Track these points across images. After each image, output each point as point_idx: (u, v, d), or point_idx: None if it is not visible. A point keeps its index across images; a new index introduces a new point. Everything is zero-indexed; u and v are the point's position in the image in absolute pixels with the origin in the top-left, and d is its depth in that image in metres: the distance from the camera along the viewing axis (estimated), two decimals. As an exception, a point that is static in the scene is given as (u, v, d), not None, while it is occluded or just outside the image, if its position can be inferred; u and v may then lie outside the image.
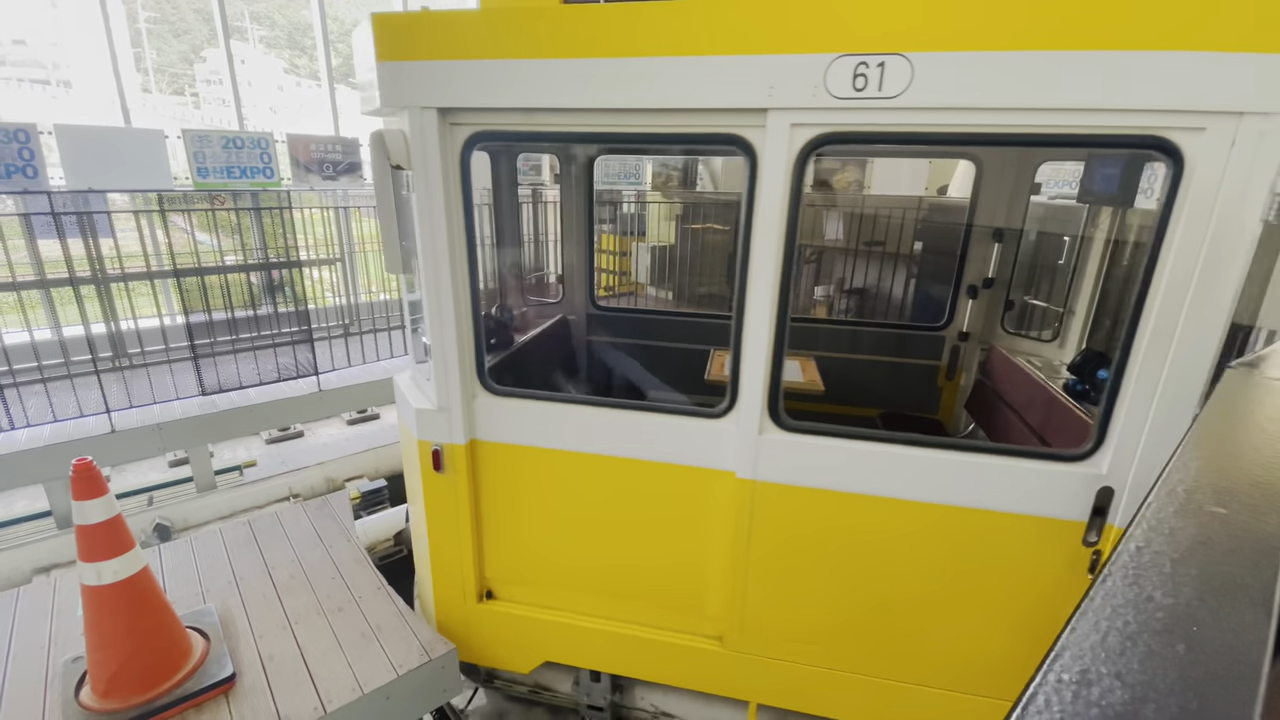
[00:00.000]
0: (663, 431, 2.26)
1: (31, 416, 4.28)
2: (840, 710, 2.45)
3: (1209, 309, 1.69)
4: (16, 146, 4.26)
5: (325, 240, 6.23)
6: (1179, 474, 0.64)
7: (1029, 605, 2.08)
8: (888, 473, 2.08)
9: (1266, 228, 2.91)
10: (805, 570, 2.29)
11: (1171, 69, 1.55)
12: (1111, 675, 0.40)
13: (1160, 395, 1.78)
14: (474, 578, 2.65)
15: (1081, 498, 1.91)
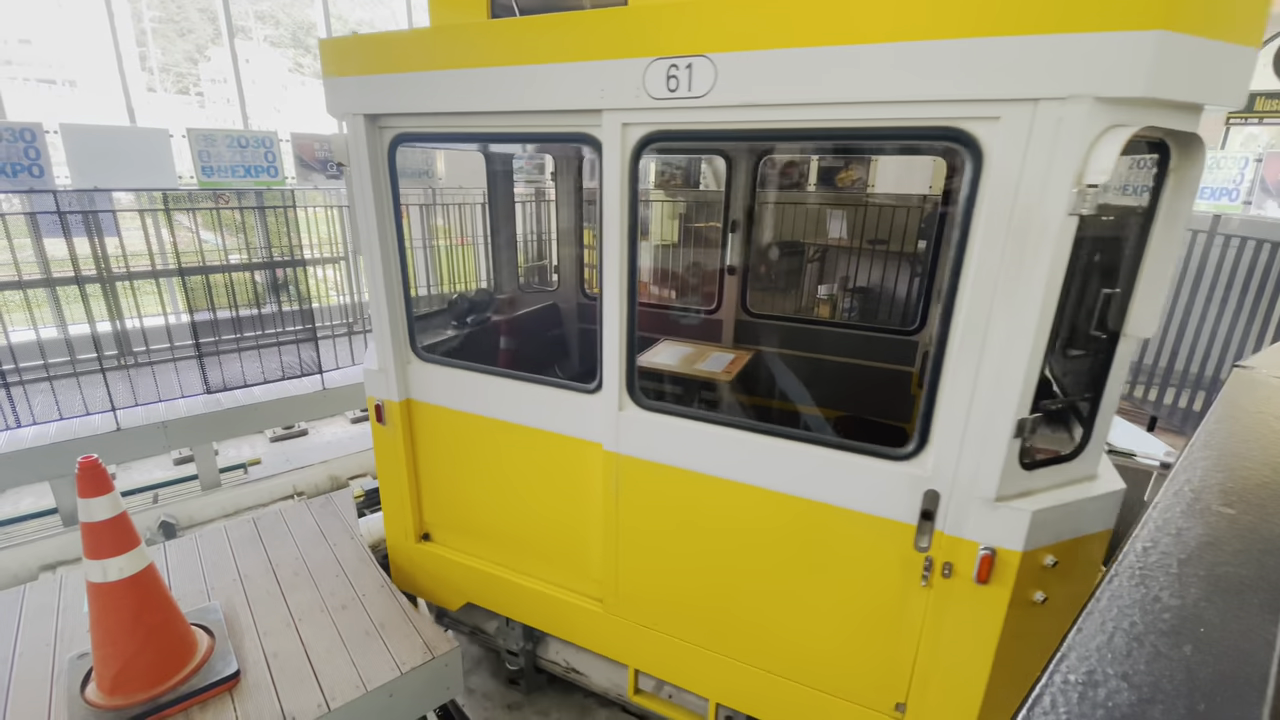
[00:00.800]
0: (549, 402, 2.47)
1: (38, 414, 4.30)
2: (704, 687, 2.52)
3: (1018, 309, 1.60)
4: (23, 146, 4.28)
5: (329, 239, 6.24)
6: (1186, 474, 0.64)
7: (867, 608, 2.05)
8: (734, 457, 2.12)
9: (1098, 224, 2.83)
10: (666, 544, 2.38)
11: (963, 57, 1.51)
12: (1118, 676, 0.40)
13: (976, 398, 1.71)
14: (413, 521, 2.99)
15: (910, 499, 1.87)
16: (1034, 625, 1.90)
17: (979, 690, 1.91)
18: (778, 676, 2.29)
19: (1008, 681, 1.95)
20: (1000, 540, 1.76)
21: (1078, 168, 1.46)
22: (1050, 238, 1.52)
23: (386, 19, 7.88)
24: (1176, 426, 4.38)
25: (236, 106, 6.67)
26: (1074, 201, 1.48)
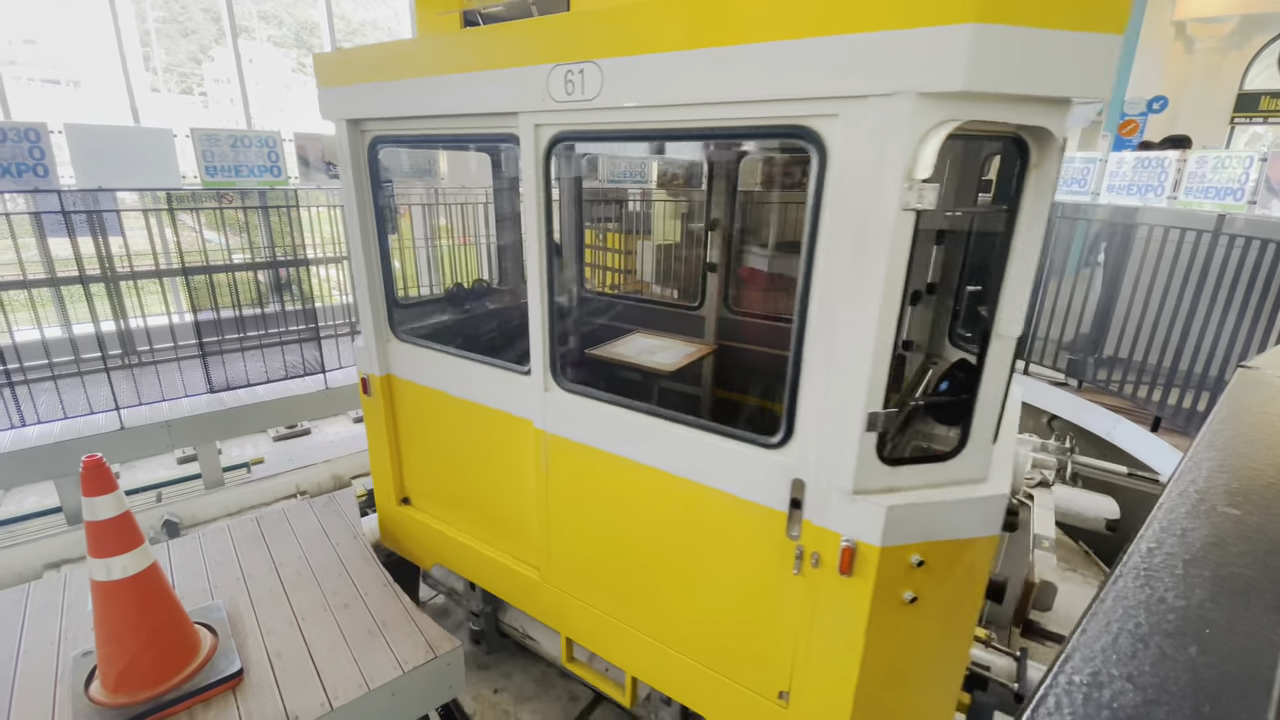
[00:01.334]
0: (493, 381, 2.66)
1: (42, 413, 4.31)
2: (622, 660, 2.61)
3: (861, 303, 1.63)
4: (27, 145, 4.29)
5: (332, 238, 6.25)
6: (1191, 474, 0.64)
7: (751, 593, 2.09)
8: (637, 439, 2.23)
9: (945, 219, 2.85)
10: (587, 518, 2.51)
11: (805, 56, 1.56)
12: (1123, 678, 0.40)
13: (830, 391, 1.74)
14: (394, 486, 3.29)
15: (781, 487, 1.90)
16: (908, 624, 1.90)
17: (850, 685, 1.92)
18: (683, 656, 2.36)
19: (885, 680, 1.96)
20: (860, 533, 1.78)
21: (908, 163, 1.48)
22: (887, 233, 1.55)
23: (389, 19, 7.88)
24: (1180, 427, 4.37)
25: (240, 106, 6.68)
26: (906, 197, 1.51)
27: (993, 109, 1.50)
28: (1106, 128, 11.67)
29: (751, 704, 2.19)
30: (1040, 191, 1.61)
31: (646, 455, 2.21)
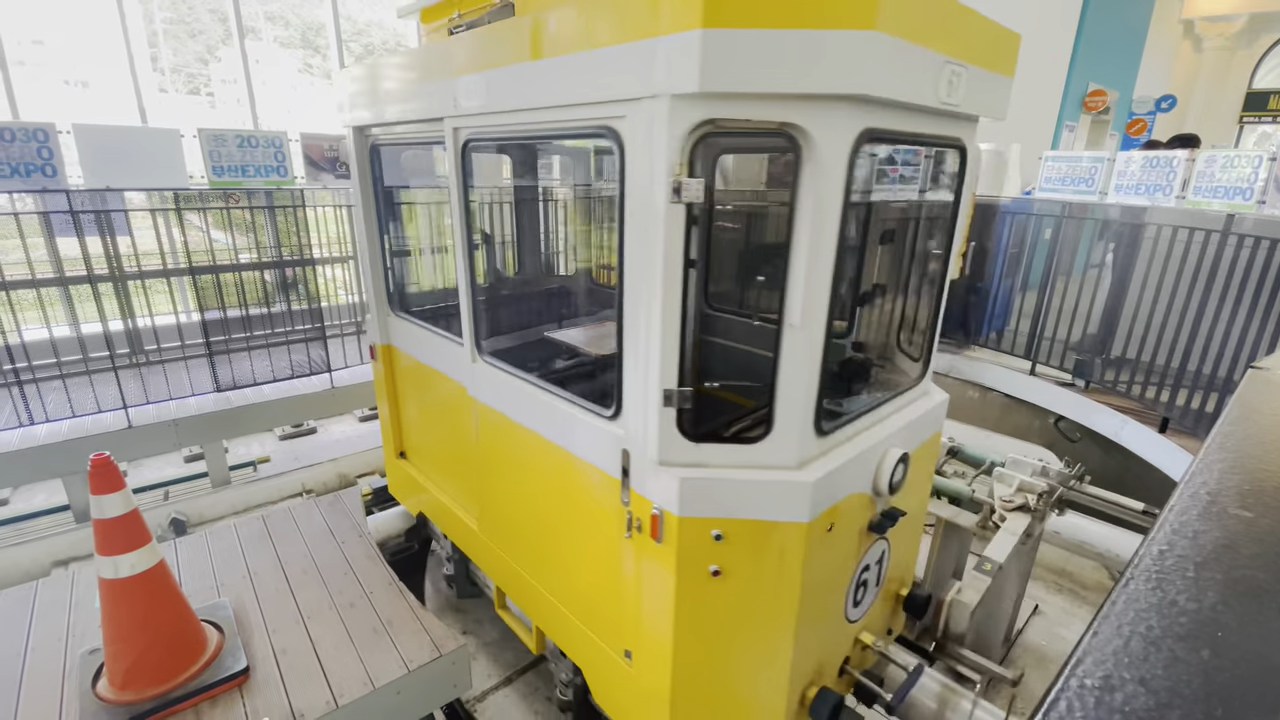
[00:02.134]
0: (445, 351, 2.96)
1: (51, 412, 4.34)
2: (530, 611, 2.86)
3: (651, 290, 1.77)
4: (36, 145, 4.32)
5: (338, 238, 6.27)
6: (1202, 476, 0.63)
7: (604, 554, 2.24)
8: (528, 407, 2.44)
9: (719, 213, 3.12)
10: (502, 477, 2.76)
11: (604, 64, 1.72)
12: (1135, 681, 0.39)
13: (641, 368, 1.88)
14: (394, 440, 3.71)
15: (615, 456, 2.03)
16: (717, 597, 2.01)
17: (668, 652, 2.05)
18: (564, 610, 2.56)
19: (701, 652, 2.07)
20: (665, 503, 1.91)
21: (672, 159, 1.62)
22: (660, 223, 1.70)
23: (394, 19, 7.90)
24: (1189, 428, 4.34)
25: (246, 107, 6.71)
26: (673, 192, 1.65)
27: (742, 108, 1.60)
28: (1115, 126, 11.60)
29: (609, 661, 2.35)
30: (816, 188, 1.66)
31: (534, 422, 2.43)
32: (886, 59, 1.55)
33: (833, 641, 2.32)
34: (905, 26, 1.56)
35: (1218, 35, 14.32)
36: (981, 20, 1.88)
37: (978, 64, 1.89)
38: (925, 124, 1.90)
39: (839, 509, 2.02)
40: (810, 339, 1.80)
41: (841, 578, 2.22)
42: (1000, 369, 5.94)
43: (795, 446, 1.90)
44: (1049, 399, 5.51)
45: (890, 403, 2.31)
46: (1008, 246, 6.07)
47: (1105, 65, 10.41)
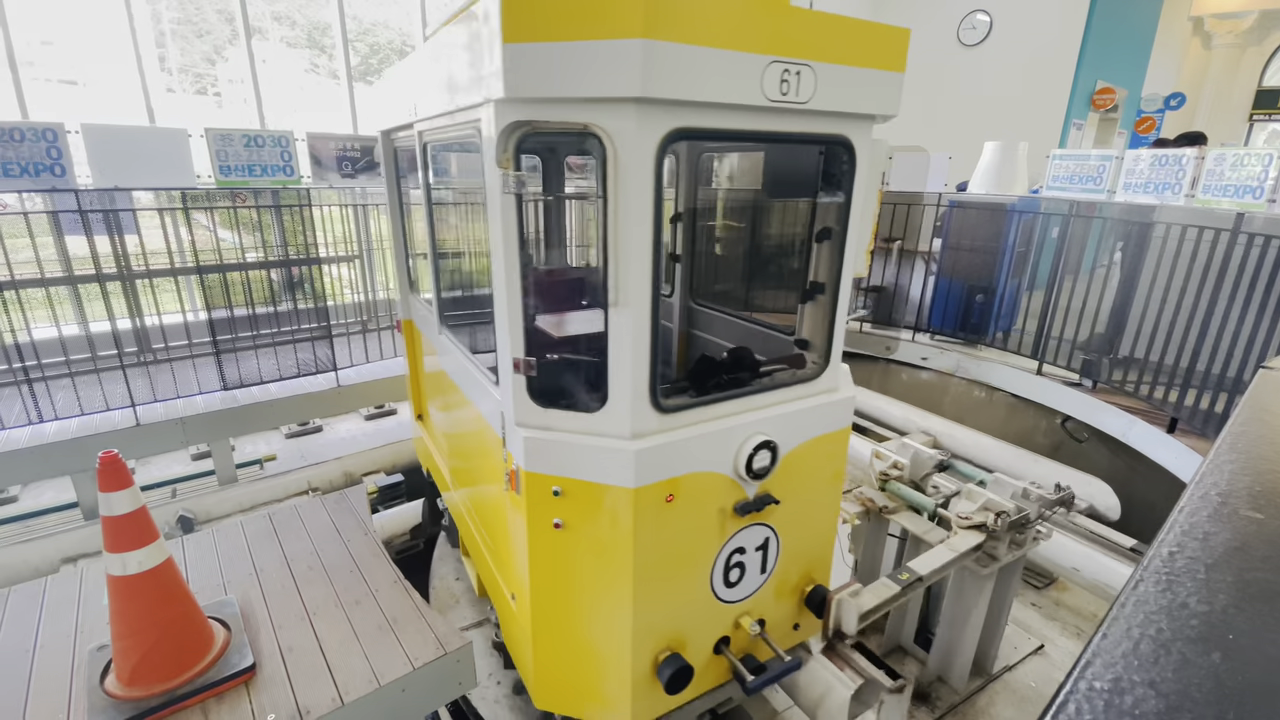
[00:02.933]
0: (429, 321, 3.33)
1: (60, 410, 4.37)
2: (474, 558, 3.36)
3: (498, 270, 2.09)
4: (45, 145, 4.34)
5: (344, 237, 6.29)
6: (1213, 477, 0.62)
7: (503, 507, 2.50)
8: (462, 373, 2.81)
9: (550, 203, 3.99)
10: (454, 435, 3.26)
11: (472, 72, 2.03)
12: (1145, 684, 0.39)
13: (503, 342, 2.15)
14: (415, 403, 4.28)
15: (499, 418, 2.32)
16: (561, 550, 2.24)
17: (529, 595, 2.32)
18: (487, 556, 2.94)
19: (553, 600, 2.33)
20: (518, 458, 2.16)
21: (499, 155, 1.87)
22: (497, 210, 1.99)
23: (400, 19, 7.91)
24: (1197, 429, 4.31)
25: (253, 106, 6.74)
26: (502, 183, 1.91)
27: (550, 111, 1.83)
28: (1123, 124, 11.52)
29: (504, 603, 2.68)
30: (625, 182, 1.84)
31: (464, 384, 2.80)
32: (670, 64, 1.69)
33: (697, 615, 2.43)
34: (690, 33, 1.69)
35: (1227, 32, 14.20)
36: (832, 20, 1.95)
37: (833, 61, 1.97)
38: (785, 123, 2.01)
39: (680, 483, 2.16)
40: (635, 319, 1.98)
41: (700, 552, 2.34)
42: (1007, 369, 5.91)
43: (628, 418, 2.07)
44: (1056, 399, 5.48)
45: (766, 394, 2.37)
46: (1014, 245, 6.04)
47: (1114, 63, 10.34)
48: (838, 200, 2.34)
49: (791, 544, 2.59)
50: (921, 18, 10.97)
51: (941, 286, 6.59)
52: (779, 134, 2.05)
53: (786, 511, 2.50)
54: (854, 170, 2.25)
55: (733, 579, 2.48)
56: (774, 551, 2.56)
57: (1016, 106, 10.24)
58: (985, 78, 10.52)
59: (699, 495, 2.24)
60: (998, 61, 10.38)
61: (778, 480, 2.40)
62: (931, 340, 6.65)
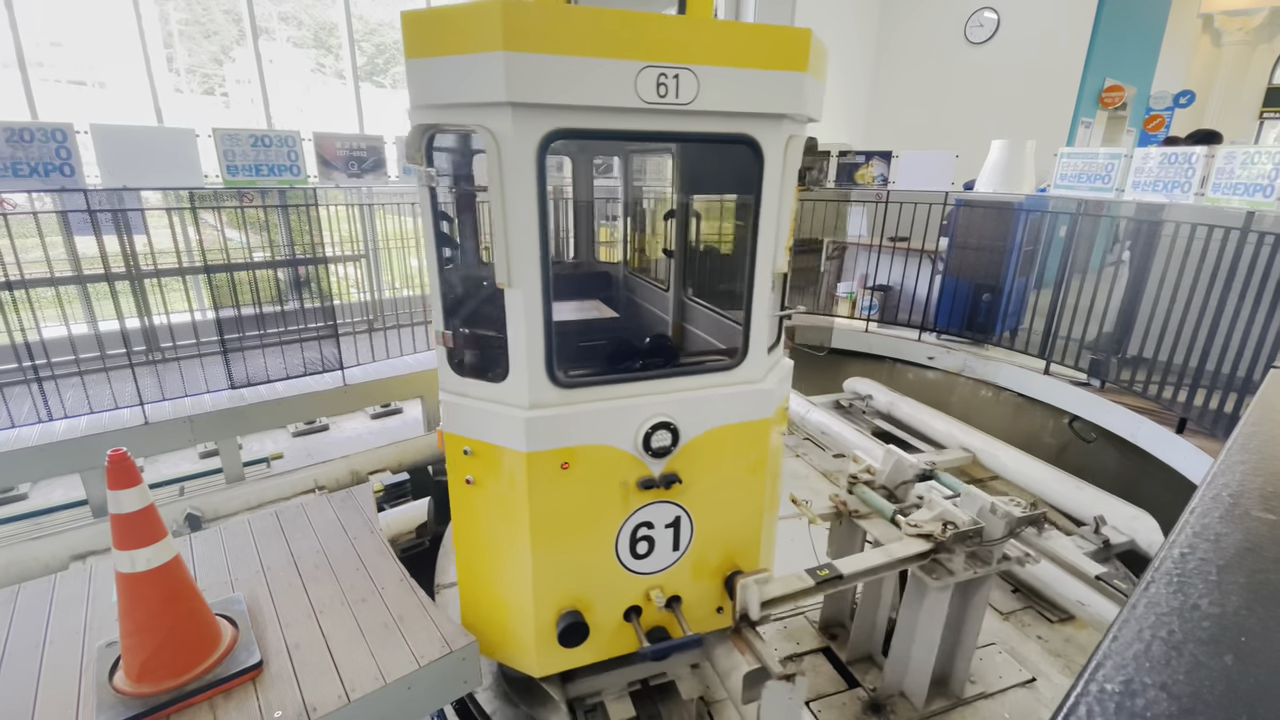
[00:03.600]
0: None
1: (69, 408, 4.40)
2: None
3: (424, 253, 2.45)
4: (54, 146, 4.37)
5: (350, 237, 6.31)
6: (1224, 478, 0.62)
7: None
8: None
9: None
10: None
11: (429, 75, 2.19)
12: (1156, 686, 0.39)
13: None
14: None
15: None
16: (474, 504, 2.56)
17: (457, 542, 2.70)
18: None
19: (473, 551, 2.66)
20: (441, 419, 2.51)
21: (413, 153, 2.17)
22: (424, 201, 2.32)
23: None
24: (1207, 429, 4.28)
25: (260, 106, 6.77)
26: (420, 177, 2.24)
27: (450, 115, 2.13)
28: (1132, 122, 11.44)
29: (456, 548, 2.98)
30: (508, 178, 2.10)
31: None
32: (533, 72, 1.93)
33: (604, 580, 2.62)
34: (553, 44, 1.92)
35: (1237, 29, 14.08)
36: (716, 25, 2.13)
37: (716, 64, 2.11)
38: (681, 123, 2.19)
39: (577, 452, 2.38)
40: (527, 299, 2.22)
41: (603, 520, 2.53)
42: (1014, 368, 5.88)
43: (526, 390, 2.31)
44: (1064, 399, 5.45)
45: (673, 379, 2.53)
46: (1022, 244, 6.01)
47: (1122, 60, 10.27)
48: (750, 198, 2.44)
49: (708, 527, 2.70)
50: (928, 15, 10.93)
51: (948, 285, 6.56)
52: (679, 134, 2.23)
53: (699, 494, 2.62)
54: (762, 169, 2.34)
55: (641, 551, 2.63)
56: (687, 531, 2.68)
57: (1024, 104, 10.19)
58: (992, 75, 10.47)
59: (597, 466, 2.43)
60: (1005, 59, 10.33)
61: (685, 461, 2.54)
62: (938, 340, 6.62)
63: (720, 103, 2.16)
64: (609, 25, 1.98)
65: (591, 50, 1.97)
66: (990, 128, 8.49)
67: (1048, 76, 9.92)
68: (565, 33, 1.93)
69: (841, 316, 7.55)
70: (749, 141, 2.31)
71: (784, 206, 2.46)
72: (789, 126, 2.37)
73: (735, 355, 2.62)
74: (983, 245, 6.21)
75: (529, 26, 1.89)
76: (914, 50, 11.19)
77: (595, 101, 2.02)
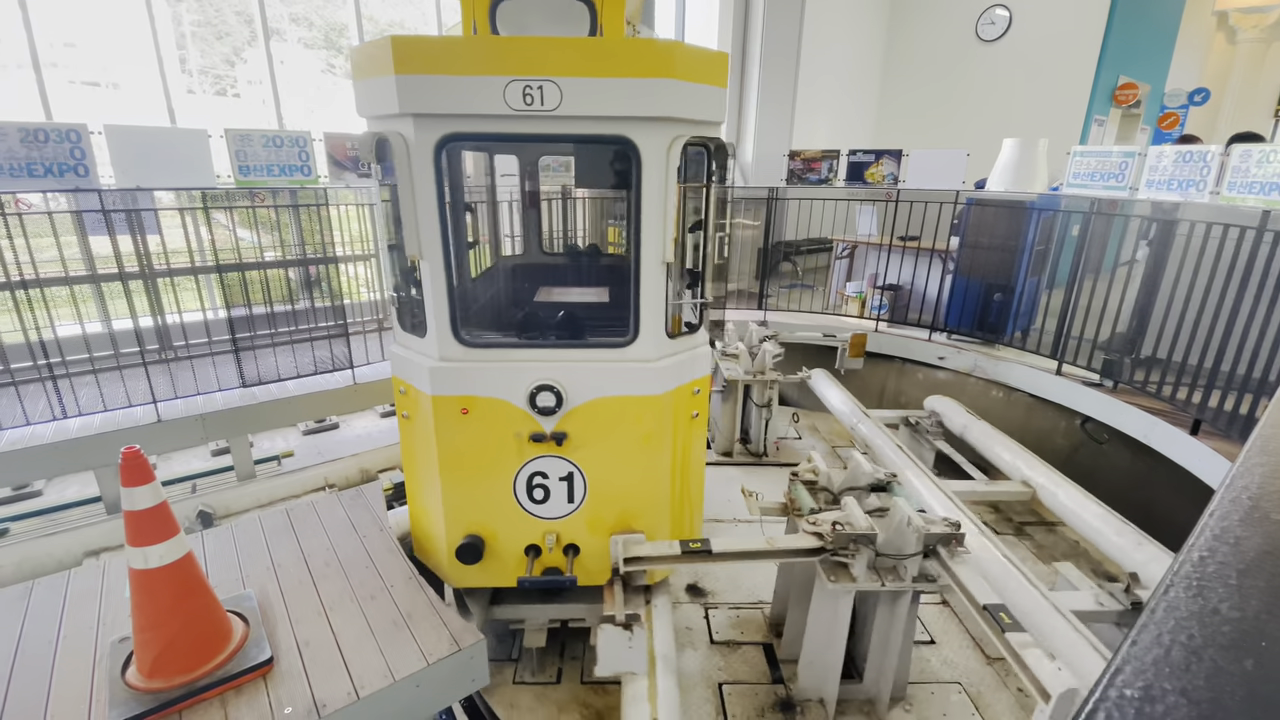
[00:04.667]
0: None
1: (83, 406, 4.45)
2: None
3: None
4: (69, 146, 4.42)
5: (360, 237, 6.35)
6: (1243, 480, 0.61)
7: None
8: None
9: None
10: None
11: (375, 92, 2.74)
12: (1176, 692, 0.38)
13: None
14: None
15: None
16: (410, 436, 3.14)
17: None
18: None
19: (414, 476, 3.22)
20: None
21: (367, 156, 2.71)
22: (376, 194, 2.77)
23: (416, 19, 7.96)
24: (1222, 430, 4.22)
25: (272, 107, 6.81)
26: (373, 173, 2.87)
27: (382, 125, 2.66)
28: (1146, 120, 11.32)
29: None
30: (415, 173, 2.58)
31: None
32: (419, 89, 2.44)
33: (505, 517, 3.05)
34: (435, 67, 2.41)
35: (1253, 27, 13.91)
36: (579, 42, 2.50)
37: (576, 75, 2.41)
38: (562, 126, 2.52)
39: (475, 401, 2.84)
40: (433, 271, 2.70)
41: (500, 463, 2.95)
42: (1025, 369, 5.83)
43: (436, 345, 2.81)
44: (1076, 399, 5.40)
45: (565, 349, 2.91)
46: (1034, 244, 5.96)
47: (1136, 58, 10.16)
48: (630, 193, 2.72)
49: (601, 488, 3.01)
50: (939, 13, 10.85)
51: (959, 285, 6.51)
52: (558, 135, 2.62)
53: (590, 455, 2.96)
54: (640, 166, 2.60)
55: (537, 497, 3.02)
56: (581, 488, 3.02)
57: (1036, 102, 10.10)
58: (1004, 73, 10.38)
59: (493, 415, 2.85)
60: (1017, 57, 10.24)
61: (575, 424, 2.89)
62: (948, 339, 6.58)
63: (585, 108, 2.47)
64: (480, 49, 2.43)
65: (466, 70, 2.41)
66: (1002, 126, 8.42)
67: (1060, 74, 9.83)
68: (444, 57, 2.42)
69: (851, 316, 7.51)
70: (625, 141, 2.58)
71: (669, 201, 2.68)
72: (672, 128, 2.59)
73: (626, 335, 2.88)
74: (994, 244, 6.16)
75: (414, 55, 2.40)
76: (924, 48, 11.12)
77: (473, 110, 2.46)
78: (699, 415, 3.23)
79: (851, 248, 8.34)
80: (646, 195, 2.66)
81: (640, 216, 2.69)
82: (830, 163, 7.32)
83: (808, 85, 10.04)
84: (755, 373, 5.44)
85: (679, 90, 2.51)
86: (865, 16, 11.09)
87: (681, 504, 3.28)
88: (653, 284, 2.78)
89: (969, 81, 10.71)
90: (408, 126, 2.53)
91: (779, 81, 9.80)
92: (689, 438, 3.20)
